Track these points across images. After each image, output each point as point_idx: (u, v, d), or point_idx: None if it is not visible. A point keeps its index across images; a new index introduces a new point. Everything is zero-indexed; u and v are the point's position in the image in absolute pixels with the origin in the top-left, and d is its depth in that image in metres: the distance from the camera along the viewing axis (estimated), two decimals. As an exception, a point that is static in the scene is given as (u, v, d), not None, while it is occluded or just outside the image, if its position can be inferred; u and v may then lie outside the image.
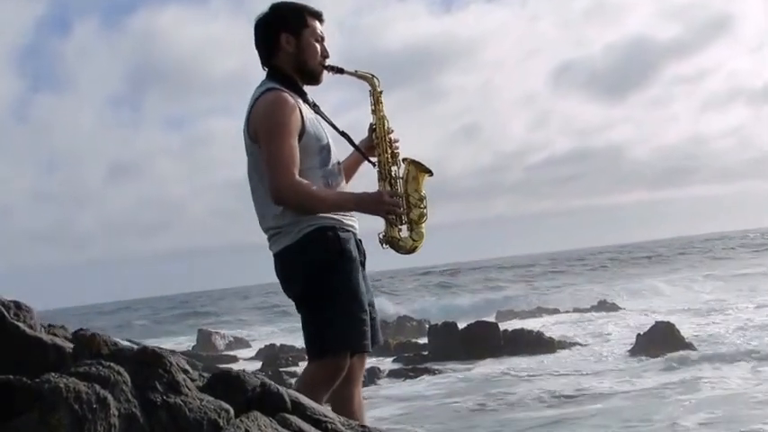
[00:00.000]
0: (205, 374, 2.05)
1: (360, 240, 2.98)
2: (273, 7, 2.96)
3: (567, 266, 47.79)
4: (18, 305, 1.97)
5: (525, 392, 10.35)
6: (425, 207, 2.97)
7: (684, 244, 61.40)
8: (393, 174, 2.98)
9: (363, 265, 2.97)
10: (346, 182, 3.05)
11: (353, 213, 2.94)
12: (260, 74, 2.98)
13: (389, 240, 2.93)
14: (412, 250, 2.97)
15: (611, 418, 8.37)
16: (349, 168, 3.11)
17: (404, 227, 2.95)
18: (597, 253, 63.61)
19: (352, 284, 2.84)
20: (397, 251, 2.96)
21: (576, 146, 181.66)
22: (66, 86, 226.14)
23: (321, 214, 2.82)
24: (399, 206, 2.89)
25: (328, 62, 2.98)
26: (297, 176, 2.76)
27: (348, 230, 2.89)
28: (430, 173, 2.99)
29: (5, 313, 1.88)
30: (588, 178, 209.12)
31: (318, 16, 2.98)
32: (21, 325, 1.88)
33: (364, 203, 2.88)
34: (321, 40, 2.97)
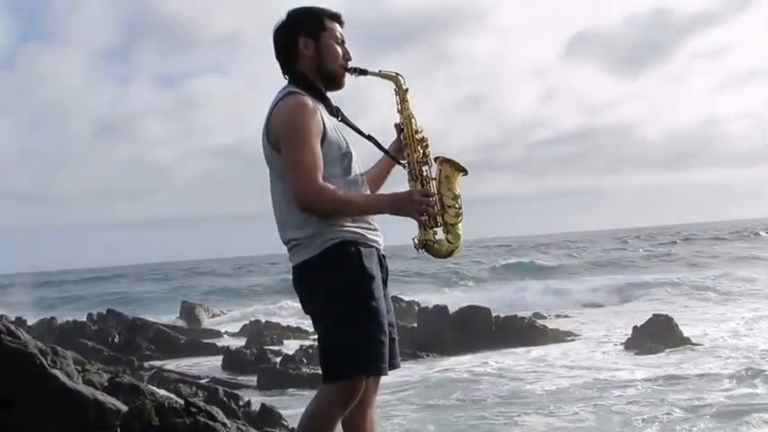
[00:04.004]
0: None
1: (383, 256, 2.91)
2: (290, 13, 2.91)
3: (563, 250, 47.46)
4: (55, 351, 1.89)
5: (514, 387, 10.26)
6: (460, 207, 2.87)
7: (691, 232, 60.35)
8: (425, 174, 2.88)
9: (386, 282, 2.89)
10: (378, 190, 3.00)
11: (378, 228, 2.87)
12: (258, 36, 2.51)
13: (425, 244, 2.82)
14: (449, 253, 2.86)
15: (599, 413, 8.29)
16: (379, 176, 3.06)
17: (439, 229, 2.85)
18: (598, 238, 63.33)
19: (373, 304, 2.76)
20: (434, 255, 2.86)
21: (584, 123, 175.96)
22: (55, 36, 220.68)
23: (344, 228, 2.75)
24: (432, 205, 2.80)
25: (350, 65, 2.92)
26: (321, 181, 2.70)
27: (371, 246, 2.82)
28: (465, 171, 2.89)
29: (44, 361, 1.81)
30: (593, 158, 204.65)
31: (337, 18, 2.93)
32: (59, 375, 1.82)
33: (396, 204, 2.79)
34: (341, 42, 2.92)
